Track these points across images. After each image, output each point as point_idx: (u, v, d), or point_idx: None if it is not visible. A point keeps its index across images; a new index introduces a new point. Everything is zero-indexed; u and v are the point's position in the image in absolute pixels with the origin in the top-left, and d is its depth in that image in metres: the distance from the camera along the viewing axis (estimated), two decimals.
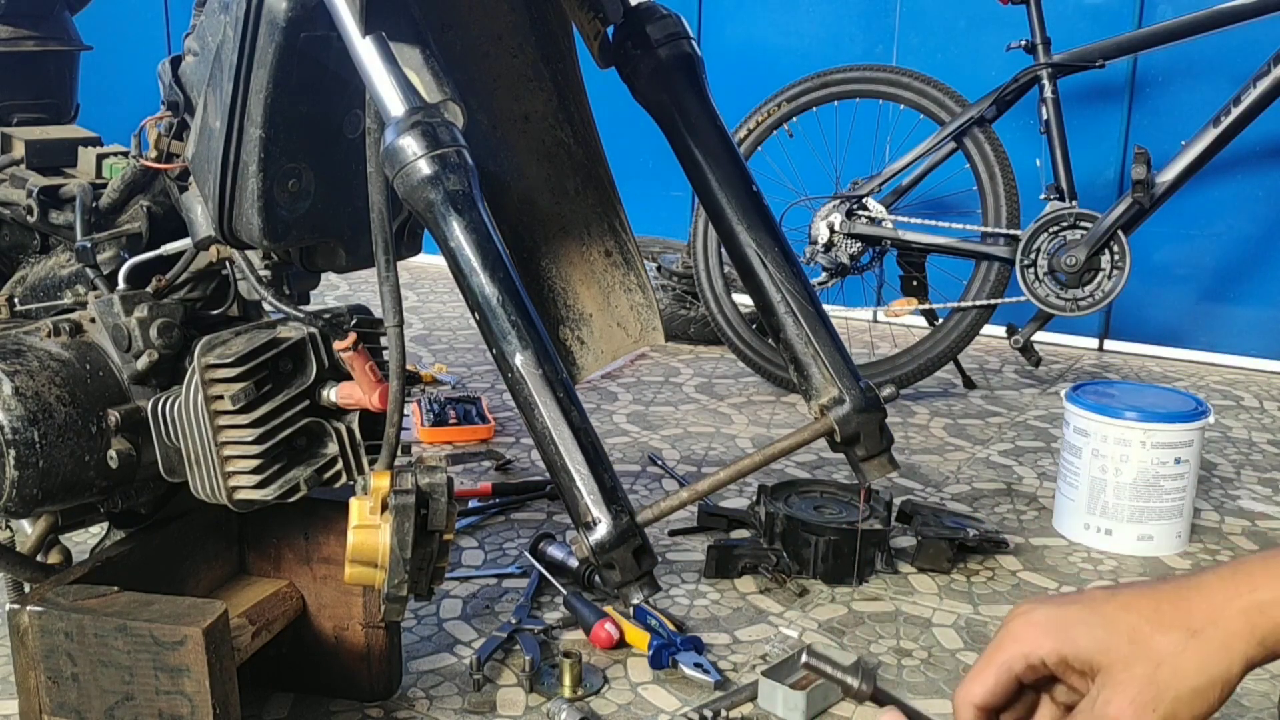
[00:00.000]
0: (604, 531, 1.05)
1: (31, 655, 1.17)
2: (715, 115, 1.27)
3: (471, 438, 2.44)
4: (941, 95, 2.73)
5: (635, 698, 1.49)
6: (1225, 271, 3.15)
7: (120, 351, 1.28)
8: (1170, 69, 3.08)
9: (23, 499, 1.20)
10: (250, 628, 1.33)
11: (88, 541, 1.70)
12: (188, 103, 1.25)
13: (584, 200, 1.44)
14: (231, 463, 1.20)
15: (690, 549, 1.93)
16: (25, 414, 1.18)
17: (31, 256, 1.55)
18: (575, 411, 1.06)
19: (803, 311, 1.24)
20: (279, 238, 1.22)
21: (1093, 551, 1.95)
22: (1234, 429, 2.64)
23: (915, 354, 2.72)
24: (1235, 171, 3.03)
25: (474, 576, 1.81)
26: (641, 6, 1.27)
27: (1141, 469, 1.90)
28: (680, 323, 3.26)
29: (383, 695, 1.46)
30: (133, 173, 1.37)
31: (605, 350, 1.47)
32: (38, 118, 1.64)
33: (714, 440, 2.47)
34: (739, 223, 1.25)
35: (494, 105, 1.39)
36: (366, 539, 1.12)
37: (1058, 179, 2.67)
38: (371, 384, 1.19)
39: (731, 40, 3.64)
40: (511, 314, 1.05)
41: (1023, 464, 2.38)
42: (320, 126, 1.22)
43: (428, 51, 1.10)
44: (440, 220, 1.05)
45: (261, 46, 1.13)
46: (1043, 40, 2.66)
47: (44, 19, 1.63)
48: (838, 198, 2.82)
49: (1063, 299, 2.62)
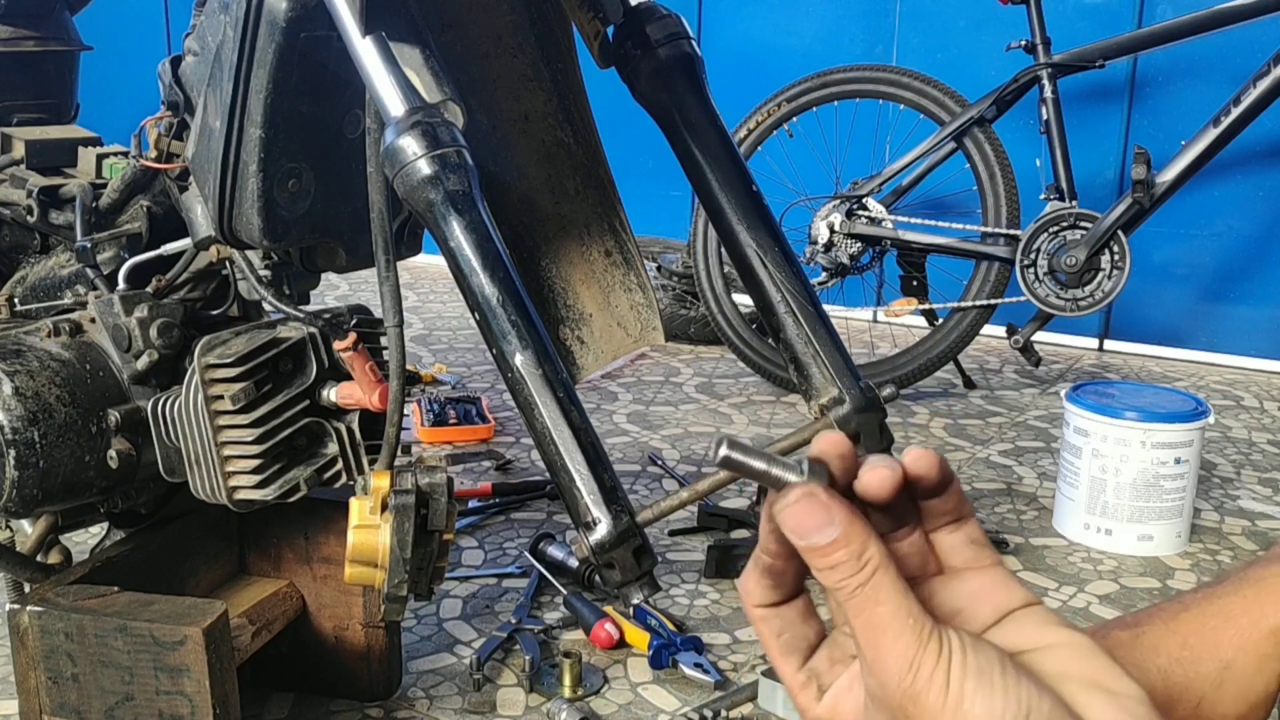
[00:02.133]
0: (604, 531, 1.05)
1: (31, 655, 1.17)
2: (715, 115, 1.27)
3: (471, 438, 2.44)
4: (941, 95, 2.73)
5: (635, 698, 1.48)
6: (1225, 271, 3.15)
7: (120, 351, 1.28)
8: (1170, 69, 3.08)
9: (23, 499, 1.20)
10: (250, 628, 1.33)
11: (88, 541, 1.70)
12: (188, 103, 1.25)
13: (584, 200, 1.44)
14: (231, 463, 1.20)
15: (690, 549, 1.93)
16: (25, 414, 1.18)
17: (31, 256, 1.55)
18: (575, 411, 1.06)
19: (803, 311, 1.24)
20: (279, 238, 1.22)
21: (1093, 551, 1.95)
22: (1234, 429, 2.64)
23: (915, 354, 2.72)
24: (1235, 171, 3.03)
25: (474, 576, 1.81)
26: (641, 6, 1.27)
27: (1141, 469, 1.90)
28: (680, 323, 3.26)
29: (383, 695, 1.46)
30: (133, 173, 1.37)
31: (605, 350, 1.47)
32: (38, 118, 1.64)
33: (714, 440, 2.47)
34: (739, 223, 1.25)
35: (494, 105, 1.39)
36: (366, 539, 1.12)
37: (1058, 179, 2.67)
38: (371, 384, 1.19)
39: (731, 40, 3.64)
40: (511, 314, 1.05)
41: (1023, 464, 2.38)
42: (320, 126, 1.22)
43: (428, 51, 1.10)
44: (440, 220, 1.05)
45: (261, 46, 1.13)
46: (1043, 40, 2.66)
47: (44, 19, 1.63)
48: (838, 198, 2.82)
49: (1063, 299, 2.62)
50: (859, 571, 0.42)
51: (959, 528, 0.48)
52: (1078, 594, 1.81)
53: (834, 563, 0.42)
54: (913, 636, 0.41)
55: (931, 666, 0.41)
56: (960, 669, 0.41)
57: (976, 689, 0.40)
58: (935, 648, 0.41)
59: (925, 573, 0.48)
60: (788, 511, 0.43)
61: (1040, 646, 0.44)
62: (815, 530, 0.42)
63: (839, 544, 0.42)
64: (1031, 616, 0.45)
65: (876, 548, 0.42)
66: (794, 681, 0.49)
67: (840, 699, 0.48)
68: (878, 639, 0.41)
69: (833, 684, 0.48)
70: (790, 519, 0.43)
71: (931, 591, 0.47)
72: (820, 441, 0.45)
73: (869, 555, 0.42)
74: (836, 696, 0.48)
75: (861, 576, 0.42)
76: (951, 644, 0.41)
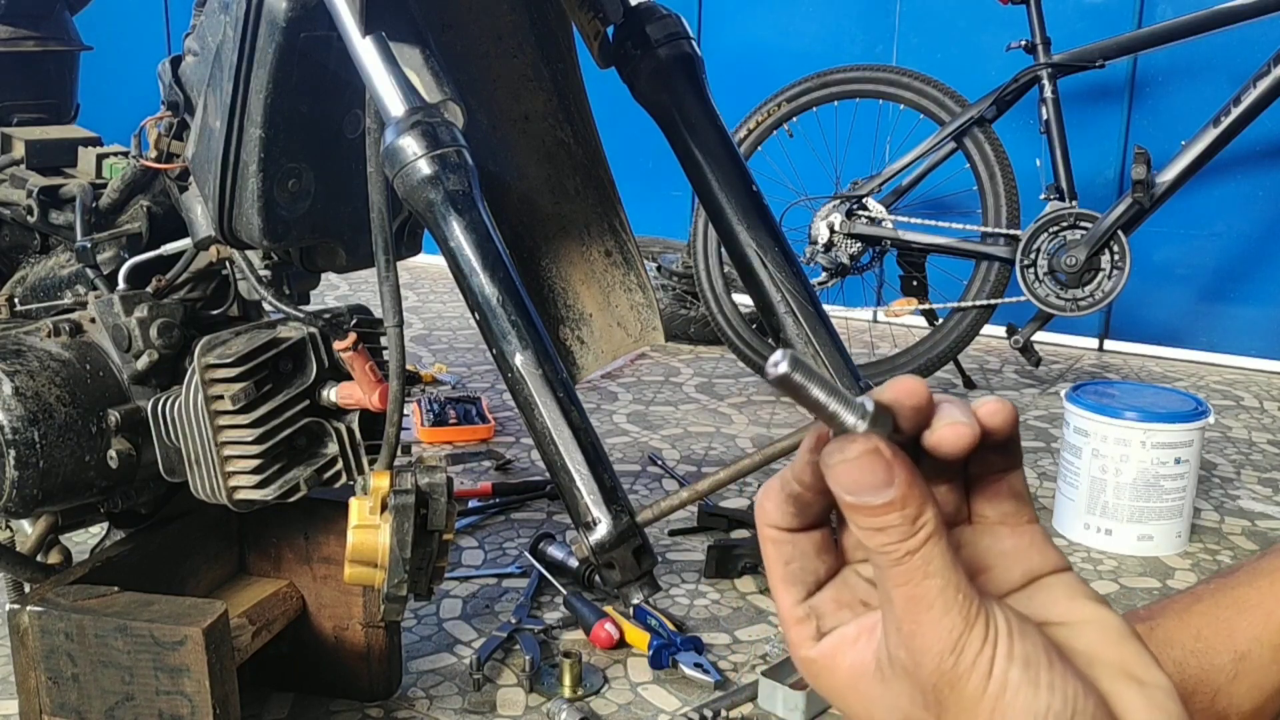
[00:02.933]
0: (604, 531, 1.05)
1: (31, 655, 1.17)
2: (715, 115, 1.27)
3: (471, 438, 2.44)
4: (941, 95, 2.73)
5: (635, 698, 1.48)
6: (1225, 271, 3.15)
7: (120, 351, 1.28)
8: (1170, 69, 3.08)
9: (23, 499, 1.20)
10: (250, 628, 1.33)
11: (88, 541, 1.70)
12: (188, 103, 1.25)
13: (584, 200, 1.44)
14: (231, 463, 1.20)
15: (690, 549, 1.93)
16: (25, 414, 1.18)
17: (31, 256, 1.55)
18: (575, 411, 1.06)
19: (803, 311, 1.24)
20: (279, 238, 1.22)
21: (1093, 551, 1.95)
22: (1234, 429, 2.64)
23: (915, 354, 2.72)
24: (1235, 171, 3.03)
25: (474, 576, 1.81)
26: (641, 6, 1.27)
27: (1141, 469, 1.90)
28: (680, 323, 3.26)
29: (383, 695, 1.46)
30: (133, 173, 1.37)
31: (605, 350, 1.47)
32: (38, 118, 1.64)
33: (714, 440, 2.47)
34: (739, 223, 1.25)
35: (494, 105, 1.39)
36: (366, 539, 1.12)
37: (1058, 179, 2.67)
38: (371, 384, 1.19)
39: (731, 40, 3.64)
40: (511, 314, 1.05)
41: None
42: (320, 126, 1.22)
43: (428, 51, 1.10)
44: (440, 220, 1.05)
45: (261, 46, 1.13)
46: (1043, 40, 2.66)
47: (44, 19, 1.63)
48: (838, 198, 2.82)
49: (1063, 299, 2.62)
50: (911, 537, 0.38)
51: (1004, 478, 0.44)
52: None
53: (885, 524, 0.38)
54: (959, 615, 0.38)
55: (975, 651, 0.37)
56: (1006, 657, 0.38)
57: (1022, 681, 0.37)
58: (981, 630, 0.38)
59: (957, 520, 0.44)
60: (843, 467, 0.38)
61: (1070, 621, 0.41)
62: (870, 490, 0.38)
63: (894, 506, 0.38)
64: (1061, 585, 0.43)
65: (933, 513, 0.38)
66: (791, 614, 0.45)
67: (842, 648, 0.43)
68: (920, 613, 0.38)
69: (835, 629, 0.44)
70: (845, 475, 0.38)
71: (962, 542, 0.43)
72: (896, 386, 0.40)
73: (924, 521, 0.38)
74: (838, 644, 0.44)
75: (913, 544, 0.38)
76: (999, 628, 0.38)
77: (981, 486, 0.44)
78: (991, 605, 0.39)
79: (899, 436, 0.40)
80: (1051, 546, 0.43)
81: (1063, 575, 0.43)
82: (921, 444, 0.41)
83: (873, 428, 0.39)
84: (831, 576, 0.45)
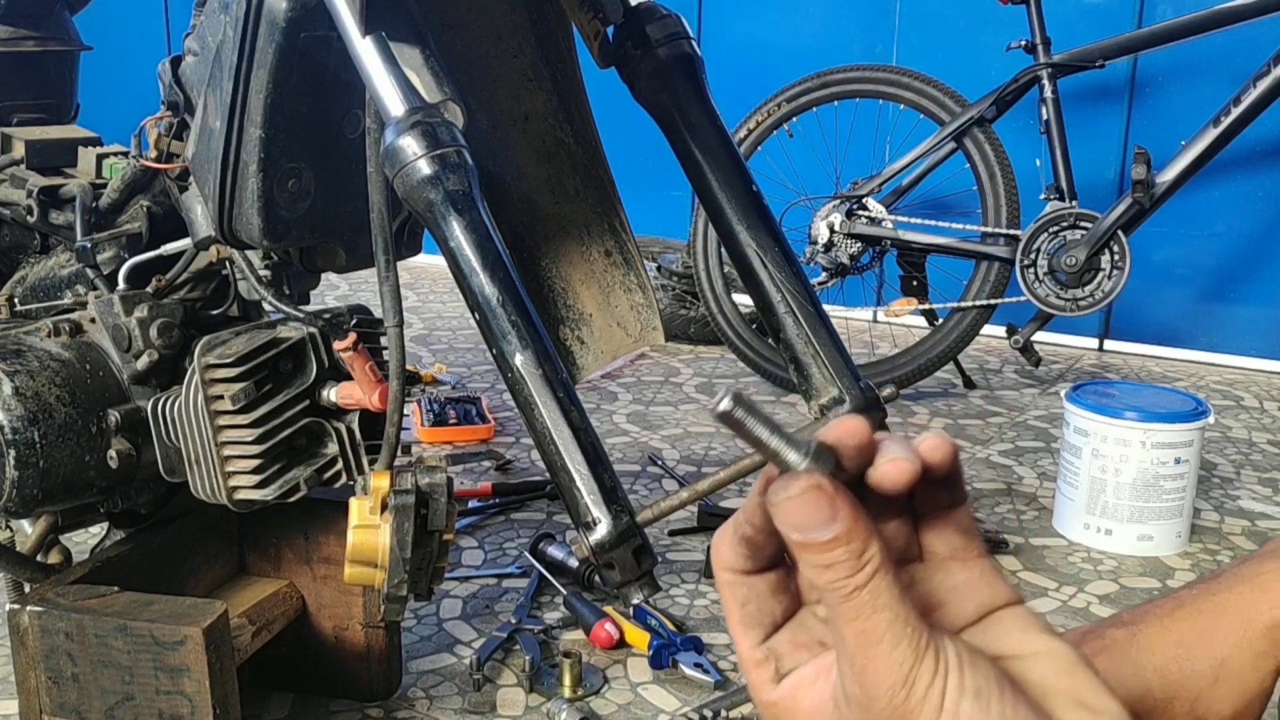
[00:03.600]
0: (604, 531, 1.05)
1: (32, 655, 1.17)
2: (715, 115, 1.27)
3: (471, 438, 2.44)
4: (941, 95, 2.73)
5: (635, 698, 1.48)
6: (1225, 271, 3.15)
7: (120, 351, 1.28)
8: (1170, 69, 3.08)
9: (23, 499, 1.20)
10: (250, 628, 1.33)
11: (88, 541, 1.70)
12: (188, 103, 1.25)
13: (584, 200, 1.44)
14: (231, 463, 1.20)
15: (690, 549, 1.93)
16: (25, 414, 1.18)
17: (31, 256, 1.55)
18: (575, 411, 1.06)
19: (803, 311, 1.23)
20: (279, 238, 1.22)
21: (1093, 551, 1.95)
22: (1234, 429, 2.64)
23: (915, 354, 2.72)
24: (1235, 171, 3.03)
25: (474, 576, 1.81)
26: (641, 6, 1.27)
27: (1141, 469, 1.90)
28: (680, 323, 3.26)
29: (383, 695, 1.46)
30: (133, 173, 1.37)
31: (605, 350, 1.47)
32: (38, 118, 1.64)
33: (714, 440, 2.47)
34: (739, 223, 1.25)
35: (494, 105, 1.39)
36: (366, 539, 1.12)
37: (1058, 179, 2.67)
38: (371, 384, 1.19)
39: (731, 40, 3.64)
40: (511, 314, 1.05)
41: (1023, 464, 2.38)
42: (320, 126, 1.22)
43: (428, 51, 1.10)
44: (440, 220, 1.05)
45: (261, 46, 1.13)
46: (1043, 40, 2.66)
47: (44, 19, 1.63)
48: (838, 198, 2.82)
49: (1063, 299, 2.62)
50: (858, 572, 0.39)
51: (950, 513, 0.44)
52: (1078, 594, 1.81)
53: (831, 560, 0.39)
54: (909, 648, 0.38)
55: (927, 684, 0.38)
56: (957, 688, 0.38)
57: (974, 712, 0.38)
58: (932, 663, 0.38)
59: (908, 557, 0.44)
60: (787, 504, 0.39)
61: (1023, 654, 0.42)
62: (815, 526, 0.39)
63: (839, 541, 0.38)
64: (1014, 618, 0.44)
65: (879, 547, 0.39)
66: (750, 657, 0.45)
67: (800, 689, 0.44)
68: (870, 647, 0.39)
69: (793, 670, 0.45)
70: (789, 513, 0.39)
71: (914, 580, 0.44)
72: (838, 427, 0.41)
73: (870, 555, 0.39)
74: (797, 686, 0.44)
75: (860, 578, 0.39)
76: (949, 660, 0.39)
77: (930, 523, 0.45)
78: (942, 638, 0.39)
79: (843, 475, 0.41)
80: (1002, 580, 0.44)
81: (1015, 609, 0.44)
82: (866, 481, 0.42)
83: (815, 464, 0.40)
84: (789, 618, 0.46)
